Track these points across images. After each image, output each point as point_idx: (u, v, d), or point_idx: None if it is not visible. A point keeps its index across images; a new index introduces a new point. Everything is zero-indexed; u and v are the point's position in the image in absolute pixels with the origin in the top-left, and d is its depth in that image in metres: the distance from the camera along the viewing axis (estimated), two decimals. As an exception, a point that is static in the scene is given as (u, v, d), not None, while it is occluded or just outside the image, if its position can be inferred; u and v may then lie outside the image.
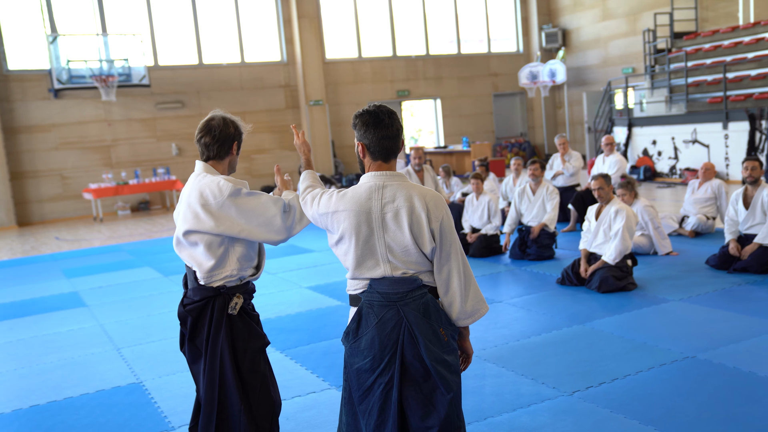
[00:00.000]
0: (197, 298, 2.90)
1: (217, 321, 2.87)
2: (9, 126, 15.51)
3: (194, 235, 2.87)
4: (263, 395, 2.91)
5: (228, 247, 2.88)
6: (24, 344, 5.88)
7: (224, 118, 2.99)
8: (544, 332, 5.21)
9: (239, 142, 3.04)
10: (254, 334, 2.93)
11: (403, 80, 20.13)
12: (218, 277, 2.88)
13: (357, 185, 2.72)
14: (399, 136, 2.70)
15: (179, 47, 17.38)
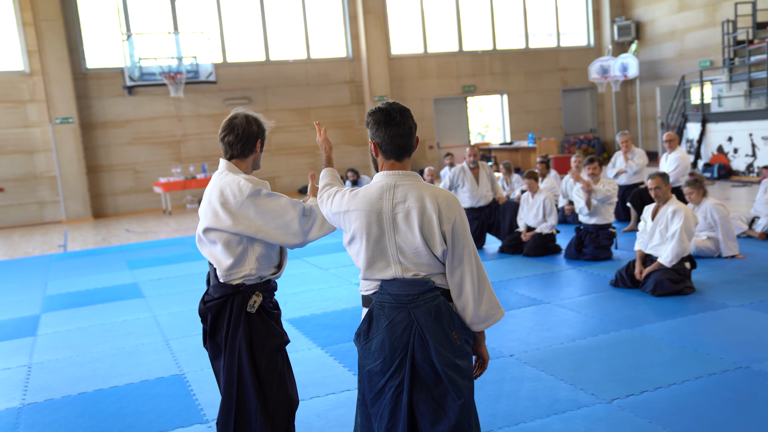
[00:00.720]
0: (217, 296, 2.92)
1: (236, 319, 2.88)
2: (86, 122, 16.15)
3: (213, 233, 2.89)
4: (280, 393, 2.91)
5: (247, 247, 2.89)
6: (81, 333, 6.10)
7: (247, 116, 2.99)
8: (590, 336, 5.05)
9: (262, 139, 3.03)
10: (272, 332, 2.93)
11: (469, 76, 19.91)
12: (237, 276, 2.89)
13: (369, 184, 2.68)
14: (411, 135, 2.64)
15: (247, 44, 17.71)
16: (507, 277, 7.04)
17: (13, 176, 15.61)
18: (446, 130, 20.05)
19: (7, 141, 15.51)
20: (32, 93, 15.61)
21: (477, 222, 8.55)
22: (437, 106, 19.81)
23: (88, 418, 4.17)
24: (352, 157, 18.55)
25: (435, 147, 19.66)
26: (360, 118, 18.71)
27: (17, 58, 15.66)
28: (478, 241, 8.58)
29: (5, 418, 4.30)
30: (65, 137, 15.60)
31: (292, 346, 5.25)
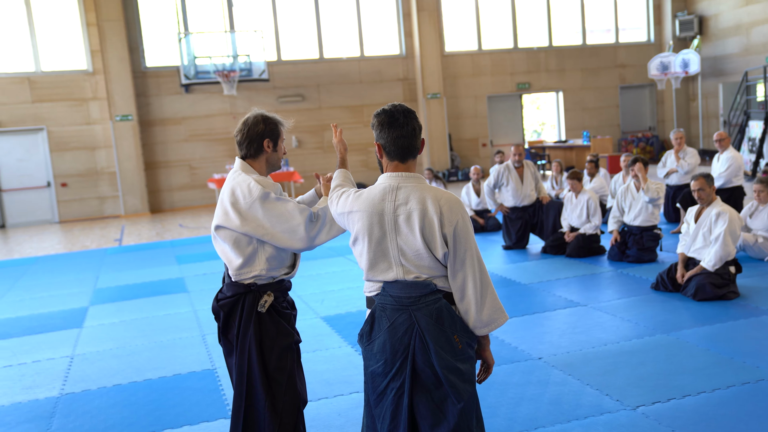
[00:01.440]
0: (229, 294, 2.98)
1: (247, 317, 2.93)
2: (145, 119, 16.62)
3: (223, 231, 2.94)
4: (289, 391, 2.95)
5: (257, 247, 2.92)
6: (124, 326, 6.30)
7: (257, 116, 3.01)
8: (623, 340, 4.94)
9: (272, 139, 3.02)
10: (283, 332, 2.97)
11: (524, 73, 19.67)
12: (248, 275, 2.93)
13: (373, 186, 2.68)
14: (415, 136, 2.63)
15: (301, 42, 17.90)
16: (546, 278, 6.94)
17: (76, 172, 16.19)
18: (500, 128, 19.85)
19: (70, 138, 16.10)
20: (94, 91, 16.16)
21: (520, 221, 8.45)
22: (491, 104, 19.63)
23: (119, 409, 4.31)
24: (404, 155, 18.53)
25: (488, 145, 19.49)
26: (412, 116, 18.66)
27: (81, 57, 16.22)
28: (521, 240, 8.49)
29: (44, 406, 4.48)
30: (124, 134, 16.10)
31: (322, 344, 5.32)
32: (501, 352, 4.84)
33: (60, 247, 11.93)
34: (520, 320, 5.59)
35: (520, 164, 8.43)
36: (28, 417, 4.32)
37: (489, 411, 3.90)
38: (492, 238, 9.44)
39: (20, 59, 15.90)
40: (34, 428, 4.14)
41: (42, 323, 6.59)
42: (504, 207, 8.55)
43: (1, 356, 5.66)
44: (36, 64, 15.91)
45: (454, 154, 19.00)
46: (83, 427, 4.10)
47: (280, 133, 3.04)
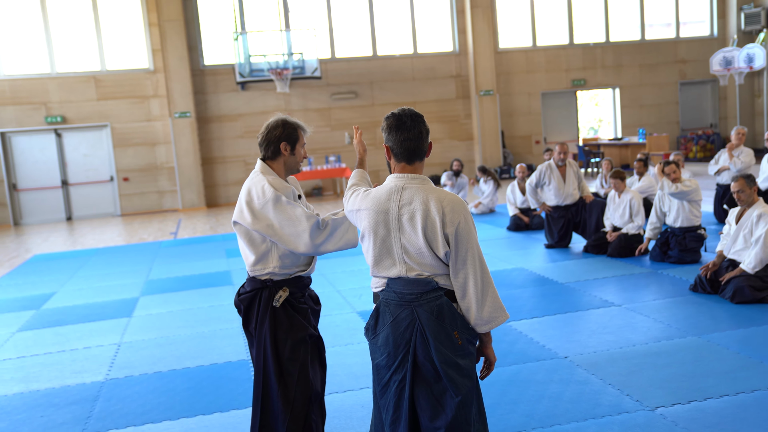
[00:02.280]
0: (248, 289, 3.15)
1: (263, 312, 3.09)
2: (202, 116, 17.11)
3: (238, 227, 3.11)
4: (300, 382, 3.09)
5: (271, 245, 3.07)
6: (170, 316, 6.58)
7: (277, 120, 3.18)
8: (652, 341, 4.93)
9: (290, 143, 3.16)
10: (296, 326, 3.11)
11: (580, 69, 19.41)
12: (262, 272, 3.10)
13: (381, 185, 2.81)
14: (422, 139, 2.73)
15: (355, 40, 18.10)
16: (584, 278, 6.93)
17: (137, 167, 16.80)
18: (554, 125, 19.65)
19: (132, 134, 16.71)
20: (155, 89, 16.72)
21: (563, 220, 8.43)
22: (545, 101, 19.45)
23: (157, 395, 4.55)
24: (456, 152, 18.59)
25: (542, 142, 19.33)
26: (466, 113, 18.69)
27: (143, 56, 16.81)
28: (563, 239, 8.46)
29: (89, 390, 4.76)
30: (183, 130, 16.61)
31: (354, 338, 5.46)
32: (528, 350, 4.90)
33: (120, 240, 12.43)
34: (551, 319, 5.62)
35: (563, 163, 8.40)
36: (75, 399, 4.61)
37: (508, 407, 3.97)
38: (535, 237, 9.43)
39: (87, 59, 16.57)
40: (79, 410, 4.42)
41: (95, 312, 6.95)
42: (546, 206, 8.53)
43: (56, 342, 6.00)
44: (101, 63, 16.56)
45: (507, 151, 18.91)
46: (122, 410, 4.35)
47: (298, 137, 3.18)
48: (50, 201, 16.66)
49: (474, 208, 11.94)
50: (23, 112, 16.19)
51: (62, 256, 10.92)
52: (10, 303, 7.67)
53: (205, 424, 4.06)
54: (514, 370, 4.55)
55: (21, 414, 4.44)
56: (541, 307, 5.98)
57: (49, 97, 16.29)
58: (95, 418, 4.26)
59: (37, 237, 13.86)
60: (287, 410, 3.05)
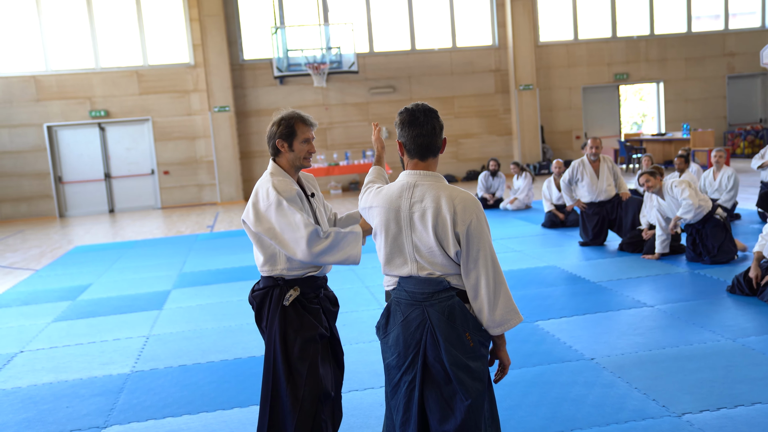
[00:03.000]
0: (261, 287, 3.15)
1: (273, 310, 3.08)
2: (241, 110, 17.27)
3: (245, 226, 3.11)
4: (309, 381, 3.06)
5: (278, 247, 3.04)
6: (199, 309, 6.64)
7: (275, 117, 3.13)
8: (683, 344, 4.78)
9: (286, 140, 3.07)
10: (306, 325, 3.08)
11: (622, 63, 19.02)
12: (271, 272, 3.09)
13: (393, 182, 2.76)
14: (435, 135, 2.67)
15: (394, 34, 18.04)
16: (617, 277, 6.77)
17: (177, 160, 17.04)
18: (595, 120, 19.31)
19: (173, 128, 16.96)
20: (195, 83, 16.92)
21: (597, 217, 8.26)
22: (586, 95, 19.12)
23: (179, 389, 4.59)
24: (495, 147, 18.41)
25: (582, 137, 19.01)
26: (505, 108, 18.49)
27: (183, 51, 17.03)
28: (597, 237, 8.29)
29: (115, 382, 4.82)
30: (222, 124, 16.78)
31: (378, 334, 5.41)
32: (553, 351, 4.80)
33: (158, 232, 12.63)
34: (580, 319, 5.50)
35: (595, 158, 8.23)
36: (100, 391, 4.67)
37: (529, 409, 3.89)
38: (570, 234, 9.26)
39: (130, 54, 16.86)
40: (103, 402, 4.47)
41: (128, 304, 7.05)
42: (581, 202, 8.37)
43: (88, 333, 6.10)
44: (144, 58, 16.83)
45: (546, 146, 18.64)
46: (144, 403, 4.39)
47: (295, 133, 3.07)
48: (94, 193, 17.02)
49: (509, 204, 11.80)
50: (69, 107, 16.56)
51: (102, 247, 11.13)
52: (49, 294, 7.84)
53: (224, 419, 4.07)
54: (538, 371, 4.46)
55: (48, 404, 4.52)
56: (571, 306, 5.86)
57: (93, 91, 16.62)
58: (118, 410, 4.31)
59: (80, 229, 14.17)
60: (296, 409, 3.03)
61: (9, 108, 16.34)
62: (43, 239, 12.81)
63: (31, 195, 16.63)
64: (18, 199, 16.59)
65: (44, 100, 16.44)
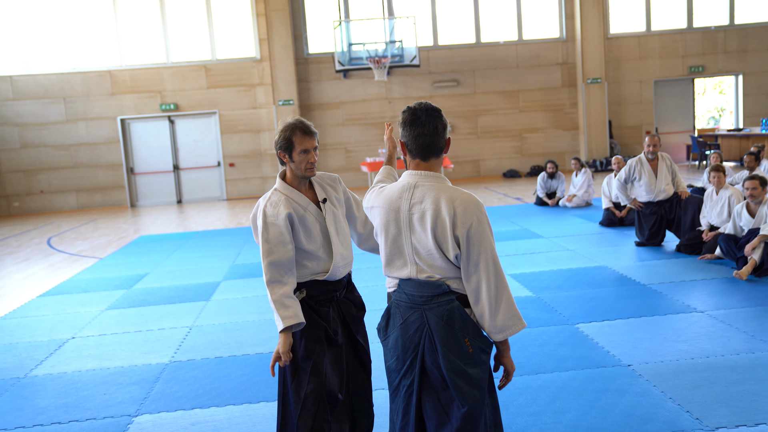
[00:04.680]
0: None
1: None
2: (305, 104, 17.45)
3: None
4: (313, 380, 3.05)
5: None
6: (243, 302, 6.74)
7: (280, 128, 3.10)
8: (729, 353, 4.55)
9: (285, 151, 3.05)
10: (314, 325, 3.07)
11: (698, 55, 18.26)
12: None
13: (395, 182, 2.71)
14: (437, 135, 2.59)
15: (458, 27, 17.85)
16: (670, 280, 6.50)
17: (242, 153, 17.38)
18: (667, 115, 18.63)
19: (238, 121, 17.30)
20: (261, 77, 17.20)
21: (655, 217, 7.95)
22: (658, 89, 18.46)
23: (212, 380, 4.67)
24: (561, 142, 18.02)
25: (654, 132, 18.37)
26: (571, 102, 18.05)
27: (250, 45, 17.33)
28: (654, 237, 7.99)
29: (153, 371, 4.95)
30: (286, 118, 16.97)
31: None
32: (589, 356, 4.65)
33: (219, 223, 12.91)
34: (623, 323, 5.31)
35: (653, 156, 7.92)
36: (138, 379, 4.80)
37: (553, 416, 3.78)
38: (627, 233, 8.95)
39: (199, 49, 17.27)
40: (138, 390, 4.60)
41: (178, 294, 7.23)
42: (637, 202, 8.08)
43: (136, 322, 6.29)
44: (212, 52, 17.21)
45: (614, 141, 18.11)
46: (177, 393, 4.49)
47: (292, 144, 3.03)
48: (163, 184, 17.55)
49: (567, 201, 11.51)
50: (141, 100, 17.11)
51: (164, 237, 11.46)
52: (107, 282, 8.12)
53: (249, 413, 4.12)
54: (570, 376, 4.33)
55: (87, 390, 4.68)
56: (616, 309, 5.66)
57: (164, 85, 17.12)
58: (151, 399, 4.42)
59: (148, 218, 14.64)
60: (297, 405, 3.04)
61: (86, 102, 17.01)
62: (113, 228, 13.29)
63: (105, 185, 17.29)
64: (93, 189, 17.27)
65: (118, 94, 17.04)
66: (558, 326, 5.32)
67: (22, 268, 9.51)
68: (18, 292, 7.96)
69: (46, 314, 6.80)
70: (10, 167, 16.99)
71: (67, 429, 4.08)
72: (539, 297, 6.19)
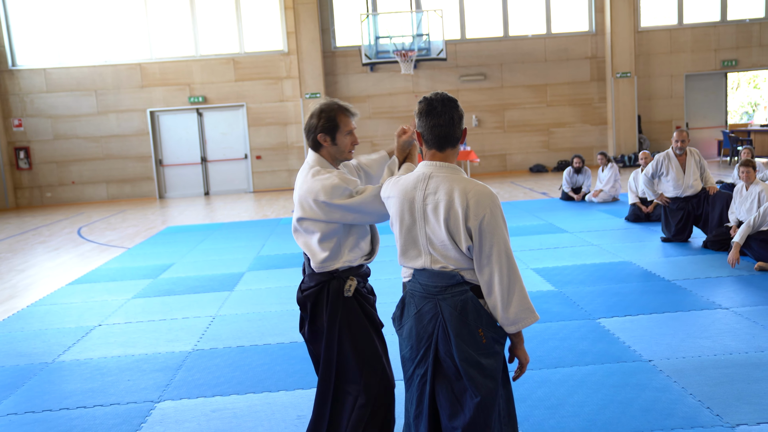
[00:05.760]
0: (313, 284, 3.00)
1: (334, 303, 2.95)
2: (332, 97, 17.44)
3: (305, 224, 2.96)
4: (384, 376, 2.99)
5: (340, 240, 2.94)
6: (267, 292, 6.81)
7: (315, 109, 3.00)
8: (753, 350, 4.49)
9: (328, 133, 2.94)
10: (369, 316, 3.02)
11: (731, 48, 17.94)
12: (330, 267, 2.96)
13: (410, 173, 2.71)
14: (453, 125, 2.60)
15: (486, 20, 17.75)
16: (695, 276, 6.43)
17: (269, 145, 17.50)
18: (698, 110, 18.34)
19: (266, 114, 17.41)
20: (288, 70, 17.28)
21: (682, 213, 7.86)
22: (689, 83, 18.18)
23: (233, 369, 4.73)
24: (589, 137, 17.85)
25: (683, 127, 18.10)
26: (600, 96, 17.87)
27: (278, 39, 17.41)
28: (681, 233, 7.89)
29: (175, 359, 5.03)
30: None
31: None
32: (609, 351, 4.62)
33: (245, 215, 13.03)
34: (645, 318, 5.26)
35: (681, 152, 7.81)
36: (161, 367, 4.88)
37: (570, 410, 3.78)
38: (654, 229, 8.85)
39: (227, 42, 17.40)
40: (161, 377, 4.68)
41: (202, 284, 7.32)
42: (664, 197, 7.98)
43: (161, 311, 6.39)
44: (240, 45, 17.33)
45: (643, 136, 17.89)
46: (198, 381, 4.56)
47: (338, 125, 2.96)
48: (191, 176, 17.74)
49: (594, 196, 11.41)
50: (170, 93, 17.30)
51: (191, 228, 11.60)
52: (134, 271, 8.25)
53: (269, 401, 4.17)
54: (589, 370, 4.31)
55: (112, 376, 4.77)
56: (638, 305, 5.61)
57: (192, 78, 17.28)
58: (173, 386, 4.50)
59: (175, 210, 14.82)
60: (368, 406, 2.94)
61: (117, 94, 17.24)
62: (141, 219, 13.48)
63: (134, 177, 17.52)
64: (123, 180, 17.51)
65: (148, 87, 17.24)
66: (579, 321, 5.30)
67: (53, 257, 9.70)
68: (48, 280, 8.12)
69: (74, 302, 6.93)
70: (44, 158, 17.30)
71: (92, 413, 4.17)
72: (561, 291, 6.16)
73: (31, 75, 17.06)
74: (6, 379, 4.84)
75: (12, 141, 17.20)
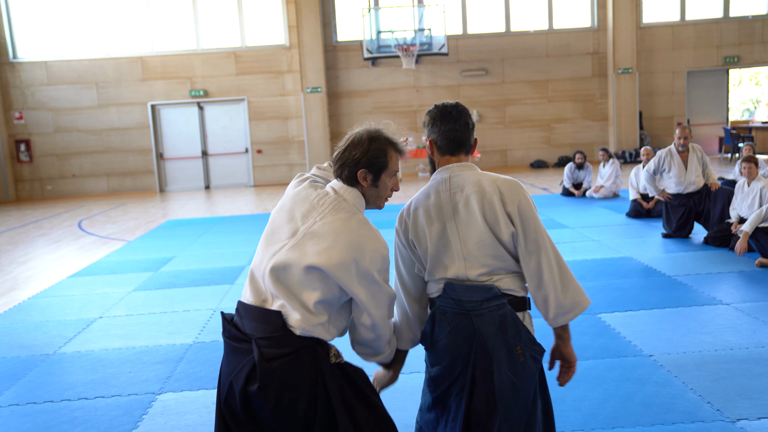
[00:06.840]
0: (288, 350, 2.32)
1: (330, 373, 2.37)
2: (333, 91, 17.48)
3: (318, 274, 2.29)
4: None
5: (337, 309, 2.41)
6: (268, 285, 6.81)
7: (363, 134, 2.38)
8: (754, 346, 4.49)
9: (372, 171, 2.35)
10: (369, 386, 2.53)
11: (734, 45, 17.92)
12: (317, 334, 2.35)
13: (427, 183, 2.65)
14: (467, 130, 2.55)
15: (488, 15, 17.72)
16: (696, 272, 6.43)
17: (270, 140, 17.49)
18: (700, 106, 18.33)
19: (267, 108, 17.40)
20: (289, 64, 17.27)
21: (683, 209, 7.86)
22: (691, 80, 18.16)
23: (234, 360, 4.73)
24: (590, 133, 17.84)
25: (685, 124, 18.09)
26: (601, 92, 17.85)
27: (279, 33, 17.39)
28: (682, 229, 7.89)
29: (177, 351, 5.03)
30: (314, 105, 17.06)
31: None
32: (610, 346, 4.63)
33: (246, 209, 13.03)
34: (646, 314, 5.27)
35: (684, 148, 7.81)
36: (162, 359, 4.89)
37: (571, 404, 3.78)
38: (655, 224, 8.86)
39: (229, 35, 17.38)
40: (162, 369, 4.68)
41: (203, 277, 7.32)
42: (666, 193, 7.98)
43: (162, 303, 6.39)
44: (241, 39, 17.31)
45: (644, 133, 17.88)
46: (199, 373, 4.56)
47: (386, 164, 2.37)
48: (191, 170, 17.74)
49: (594, 192, 11.41)
50: (171, 86, 17.28)
51: (191, 222, 11.60)
52: (135, 264, 8.26)
53: (269, 393, 4.17)
54: (590, 365, 4.31)
55: (114, 368, 4.77)
56: (639, 300, 5.62)
57: (193, 71, 17.26)
58: (174, 378, 4.50)
59: (176, 203, 14.83)
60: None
61: (118, 87, 17.23)
62: (141, 212, 13.48)
63: (135, 170, 17.52)
64: (124, 173, 17.51)
65: (149, 80, 17.23)
66: (580, 315, 5.28)
67: (54, 250, 9.71)
68: (49, 273, 8.13)
69: (75, 294, 6.94)
70: (44, 151, 17.29)
71: (93, 404, 4.17)
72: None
73: (32, 68, 17.05)
74: (7, 370, 4.84)
75: (13, 134, 17.19)
